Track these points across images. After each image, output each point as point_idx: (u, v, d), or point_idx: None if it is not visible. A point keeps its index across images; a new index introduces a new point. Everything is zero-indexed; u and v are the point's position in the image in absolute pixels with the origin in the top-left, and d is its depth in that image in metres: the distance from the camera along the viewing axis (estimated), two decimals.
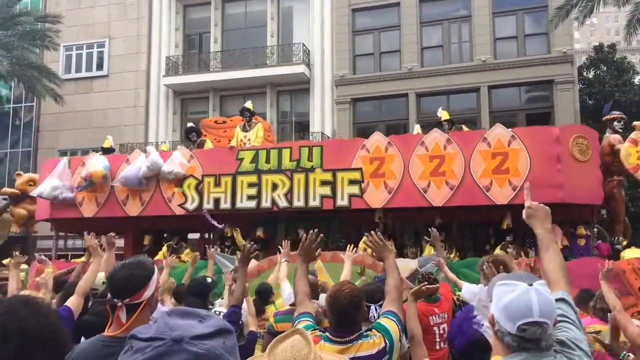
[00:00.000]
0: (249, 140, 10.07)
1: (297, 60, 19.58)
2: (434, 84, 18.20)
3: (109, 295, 2.28)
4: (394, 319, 2.85)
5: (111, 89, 21.71)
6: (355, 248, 5.41)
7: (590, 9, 16.96)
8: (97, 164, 9.52)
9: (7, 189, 10.48)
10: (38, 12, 22.07)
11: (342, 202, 8.63)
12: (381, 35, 19.54)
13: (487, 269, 4.42)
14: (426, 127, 11.58)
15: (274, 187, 8.88)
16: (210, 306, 4.97)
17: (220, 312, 4.30)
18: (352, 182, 8.60)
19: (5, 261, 9.79)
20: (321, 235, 3.27)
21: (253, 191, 8.99)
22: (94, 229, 9.87)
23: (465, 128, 10.11)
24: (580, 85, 20.89)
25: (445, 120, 10.01)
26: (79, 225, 10.41)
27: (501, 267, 4.50)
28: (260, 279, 7.05)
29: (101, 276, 4.39)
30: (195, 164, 9.40)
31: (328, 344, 2.68)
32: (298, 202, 8.77)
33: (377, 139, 8.77)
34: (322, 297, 4.73)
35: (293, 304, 4.10)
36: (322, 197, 8.69)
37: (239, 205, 9.02)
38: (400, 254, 8.37)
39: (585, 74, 23.05)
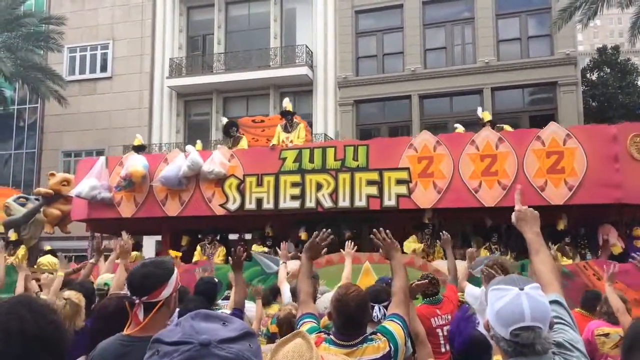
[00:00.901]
0: (291, 141, 9.91)
1: (300, 62, 19.59)
2: (437, 86, 18.19)
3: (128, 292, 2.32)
4: (400, 323, 2.80)
5: (115, 91, 21.77)
6: (355, 246, 5.39)
7: (594, 11, 16.94)
8: (137, 163, 9.38)
9: (41, 189, 10.30)
10: (42, 13, 22.14)
11: (389, 202, 8.45)
12: (384, 37, 19.55)
13: (486, 272, 4.41)
14: (430, 129, 11.57)
15: (318, 187, 8.72)
16: (215, 307, 4.98)
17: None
18: (399, 181, 8.44)
19: (11, 259, 9.81)
20: (332, 235, 3.20)
21: (296, 191, 8.82)
22: (131, 229, 9.86)
23: (508, 128, 9.76)
24: (584, 87, 20.87)
25: (487, 122, 9.62)
26: (115, 225, 10.14)
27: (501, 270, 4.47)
28: (326, 270, 6.94)
29: (105, 277, 4.40)
30: (236, 164, 9.23)
31: (332, 347, 2.66)
32: (343, 203, 8.61)
33: (425, 138, 8.61)
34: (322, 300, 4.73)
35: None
36: (369, 197, 8.52)
37: (282, 205, 8.85)
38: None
39: (588, 75, 23.02)
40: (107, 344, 2.33)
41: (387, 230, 3.22)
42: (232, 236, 10.94)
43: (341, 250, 6.49)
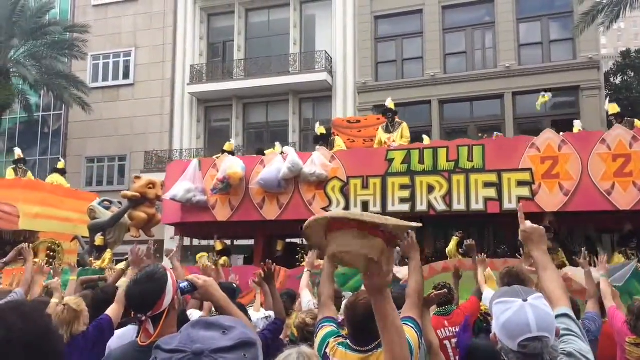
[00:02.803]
0: (393, 141, 9.50)
1: (319, 67, 19.65)
2: (457, 91, 18.10)
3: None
4: (413, 326, 2.77)
5: (137, 97, 22.07)
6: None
7: (616, 14, 16.71)
8: (235, 165, 9.01)
9: (127, 193, 10.16)
10: (66, 22, 22.57)
11: (510, 205, 7.86)
12: (404, 42, 19.52)
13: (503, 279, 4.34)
14: (450, 134, 11.47)
15: (430, 189, 8.24)
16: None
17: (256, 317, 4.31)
18: (521, 183, 7.93)
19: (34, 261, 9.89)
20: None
21: (406, 194, 8.34)
22: (224, 233, 9.79)
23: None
24: (607, 92, 20.58)
25: (612, 115, 9.06)
26: (205, 229, 9.92)
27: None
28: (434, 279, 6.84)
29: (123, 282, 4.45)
30: (338, 165, 8.77)
31: (349, 352, 2.66)
32: (458, 206, 8.09)
33: (549, 137, 8.07)
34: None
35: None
36: (487, 199, 8.03)
37: (390, 208, 8.31)
38: (570, 261, 7.66)
39: (612, 79, 22.70)
40: (121, 352, 2.39)
41: (412, 231, 3.18)
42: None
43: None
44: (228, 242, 10.12)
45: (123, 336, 3.16)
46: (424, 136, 10.45)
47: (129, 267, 5.68)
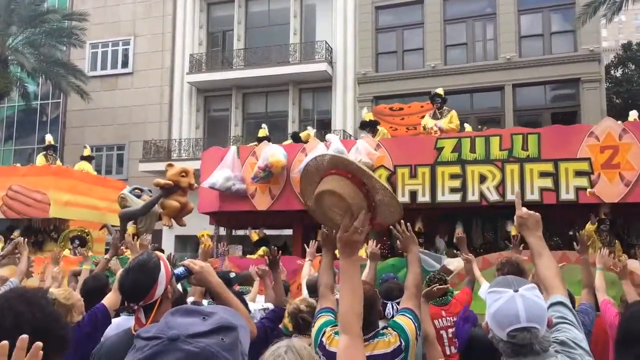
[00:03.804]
0: (439, 128, 9.27)
1: (319, 58, 19.57)
2: (457, 82, 18.02)
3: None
4: (411, 317, 2.82)
5: (136, 86, 21.98)
6: (375, 243, 5.04)
7: (618, 6, 16.65)
8: (277, 153, 8.74)
9: (160, 181, 9.79)
10: (65, 10, 22.43)
11: (567, 195, 7.66)
12: (404, 33, 19.43)
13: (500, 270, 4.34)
14: None
15: (482, 179, 7.98)
16: None
17: (254, 308, 4.32)
18: (579, 173, 7.70)
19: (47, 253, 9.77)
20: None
21: (456, 183, 8.08)
22: (262, 223, 9.53)
23: None
24: (608, 84, 20.54)
25: None
26: (241, 219, 9.67)
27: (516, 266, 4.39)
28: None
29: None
30: (384, 154, 8.49)
31: None
32: (512, 196, 7.67)
33: (609, 125, 7.83)
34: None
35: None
36: (542, 190, 7.78)
37: (440, 198, 8.12)
38: (628, 254, 7.54)
39: (612, 72, 22.66)
40: (117, 339, 2.40)
41: (408, 224, 3.18)
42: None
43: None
44: (267, 232, 9.81)
45: (120, 326, 3.14)
46: (465, 124, 10.27)
47: (113, 257, 5.67)
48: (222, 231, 10.37)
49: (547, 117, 17.26)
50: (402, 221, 3.16)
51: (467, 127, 9.81)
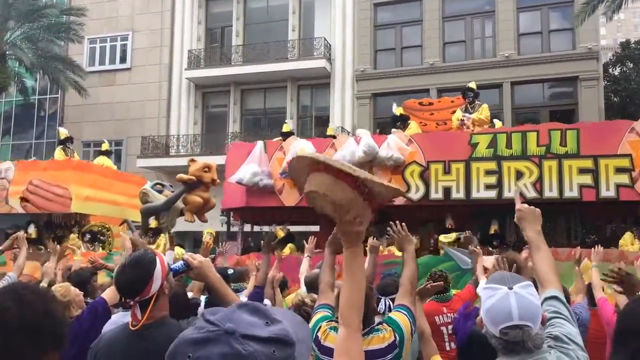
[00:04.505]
0: (471, 122, 9.12)
1: (318, 54, 19.56)
2: (455, 80, 17.99)
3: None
4: (406, 313, 2.85)
5: (134, 82, 21.95)
6: (375, 238, 5.16)
7: (618, 5, 16.65)
8: (306, 148, 8.63)
9: (183, 176, 9.61)
10: (63, 5, 22.40)
11: (607, 192, 7.48)
12: (403, 30, 19.43)
13: (496, 266, 4.36)
14: None
15: (519, 175, 7.80)
16: None
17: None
18: (619, 170, 7.50)
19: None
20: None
21: (492, 180, 7.90)
22: (289, 219, 9.43)
23: None
24: (606, 82, 20.57)
25: None
26: (267, 215, 9.49)
27: (514, 265, 4.41)
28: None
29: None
30: (416, 149, 8.31)
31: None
32: (550, 193, 7.65)
33: None
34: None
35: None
36: (581, 187, 7.58)
37: (475, 195, 7.95)
38: None
39: (610, 70, 22.68)
40: (113, 334, 2.43)
41: (403, 223, 3.22)
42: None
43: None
44: (292, 228, 9.70)
45: (117, 322, 3.16)
46: (495, 120, 10.16)
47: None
48: (238, 228, 10.20)
49: (545, 115, 17.28)
50: (397, 221, 3.20)
51: (497, 123, 9.65)
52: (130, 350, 2.29)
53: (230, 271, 5.34)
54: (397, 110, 9.85)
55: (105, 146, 12.70)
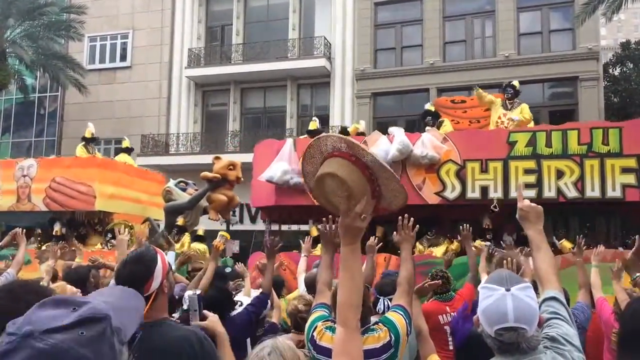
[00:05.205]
0: (509, 119, 8.95)
1: (318, 53, 19.55)
2: (456, 79, 18.04)
3: None
4: (402, 313, 2.85)
5: (134, 80, 21.94)
6: (376, 238, 4.93)
7: (618, 5, 16.63)
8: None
9: (208, 174, 9.49)
10: (63, 2, 22.37)
11: None
12: (403, 29, 19.42)
13: (496, 266, 4.37)
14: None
15: (559, 174, 7.62)
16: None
17: (240, 302, 4.37)
18: None
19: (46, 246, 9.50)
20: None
21: (531, 179, 7.71)
22: (315, 218, 9.08)
23: None
24: (606, 83, 20.56)
25: None
26: (296, 213, 9.35)
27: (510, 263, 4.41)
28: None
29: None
30: (451, 148, 8.12)
31: (334, 335, 2.70)
32: (592, 193, 7.47)
33: None
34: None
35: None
36: (624, 186, 7.39)
37: (513, 194, 7.66)
38: None
39: (611, 71, 22.67)
40: None
41: (412, 218, 3.19)
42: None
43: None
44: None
45: None
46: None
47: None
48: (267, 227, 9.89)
49: (545, 115, 17.27)
50: (406, 215, 3.15)
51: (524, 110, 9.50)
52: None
53: (228, 270, 5.37)
54: (429, 106, 9.76)
55: (125, 143, 12.54)
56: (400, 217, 3.14)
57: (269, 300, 4.38)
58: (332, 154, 2.14)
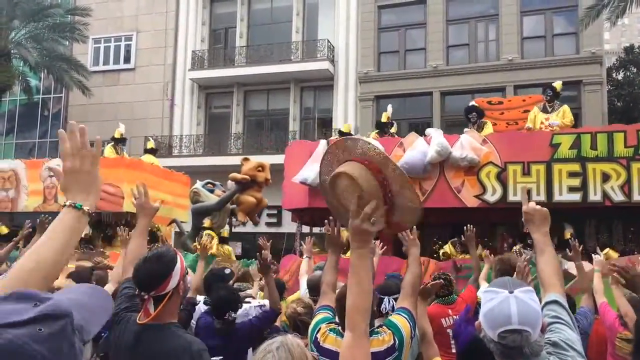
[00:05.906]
0: (549, 125, 8.80)
1: (321, 56, 19.57)
2: (459, 83, 18.04)
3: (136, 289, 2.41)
4: (406, 316, 2.84)
5: (137, 82, 21.98)
6: (380, 242, 4.95)
7: (622, 10, 16.62)
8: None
9: (237, 175, 9.41)
10: (68, 4, 22.45)
11: None
12: (407, 32, 19.43)
13: (495, 269, 4.38)
14: (450, 127, 11.32)
15: (605, 177, 7.46)
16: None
17: (250, 304, 4.38)
18: None
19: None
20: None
21: (576, 182, 7.57)
22: (345, 220, 9.08)
23: None
24: (609, 87, 20.52)
25: None
26: (325, 216, 9.28)
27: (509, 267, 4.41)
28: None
29: None
30: (491, 150, 8.00)
31: (339, 338, 2.70)
32: (639, 197, 7.33)
33: None
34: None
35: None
36: None
37: (557, 197, 7.57)
38: None
39: (614, 75, 22.62)
40: (122, 332, 2.45)
41: (415, 228, 3.19)
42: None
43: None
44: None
45: None
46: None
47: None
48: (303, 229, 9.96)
49: None
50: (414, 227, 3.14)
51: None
52: (134, 348, 2.34)
53: (227, 271, 5.36)
54: (474, 102, 9.71)
55: (150, 144, 12.45)
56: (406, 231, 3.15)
57: (276, 317, 4.35)
58: (347, 160, 2.18)
